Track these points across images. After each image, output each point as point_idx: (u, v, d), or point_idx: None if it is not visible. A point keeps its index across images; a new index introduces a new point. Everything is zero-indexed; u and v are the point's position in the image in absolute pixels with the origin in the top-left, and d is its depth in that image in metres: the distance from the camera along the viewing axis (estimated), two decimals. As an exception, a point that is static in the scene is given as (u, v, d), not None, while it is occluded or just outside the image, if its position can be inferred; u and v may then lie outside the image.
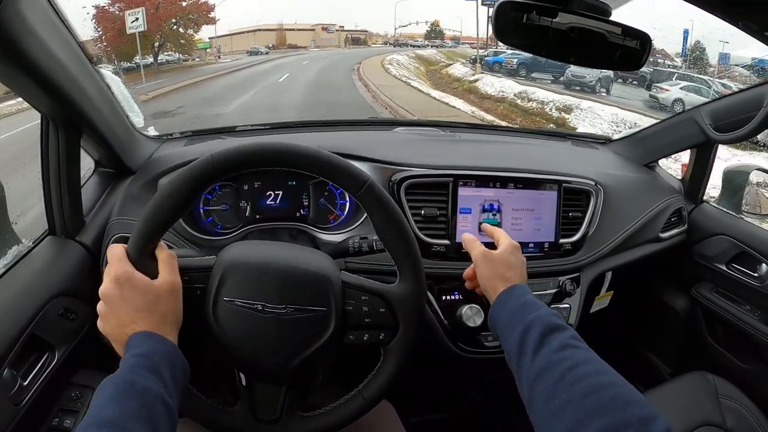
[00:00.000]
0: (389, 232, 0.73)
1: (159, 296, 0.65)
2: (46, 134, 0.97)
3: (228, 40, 25.81)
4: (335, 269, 0.76)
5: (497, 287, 0.83)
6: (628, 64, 0.80)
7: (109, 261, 0.67)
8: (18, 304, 0.88)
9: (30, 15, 0.70)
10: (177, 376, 0.62)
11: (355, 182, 0.71)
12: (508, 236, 0.92)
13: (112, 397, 0.55)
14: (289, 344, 0.71)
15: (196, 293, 0.71)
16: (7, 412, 0.81)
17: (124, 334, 0.63)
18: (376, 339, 0.76)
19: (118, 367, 0.60)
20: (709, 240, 1.50)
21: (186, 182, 0.67)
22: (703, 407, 1.22)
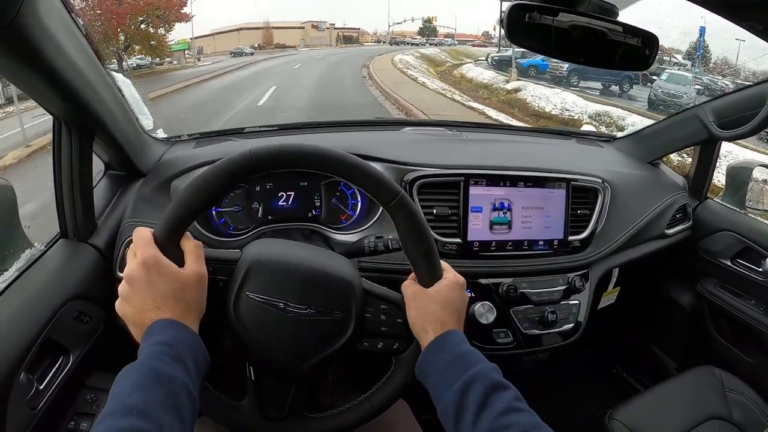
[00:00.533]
0: (416, 246, 0.73)
1: (185, 284, 0.64)
2: (59, 137, 0.97)
3: (210, 40, 23.85)
4: (357, 276, 0.77)
5: (429, 332, 0.71)
6: (635, 64, 0.81)
7: (135, 243, 0.65)
8: (33, 309, 0.88)
9: (48, 19, 0.70)
10: (199, 366, 0.62)
11: (387, 193, 0.71)
12: (454, 271, 0.78)
13: (137, 384, 0.54)
14: (305, 344, 0.72)
15: (218, 285, 0.71)
16: (23, 416, 0.81)
17: (146, 318, 0.62)
18: (389, 348, 0.76)
19: (138, 354, 0.59)
20: (714, 236, 1.52)
21: (222, 174, 0.67)
22: (710, 401, 1.24)
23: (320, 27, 32.79)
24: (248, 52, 23.11)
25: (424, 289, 0.74)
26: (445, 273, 0.76)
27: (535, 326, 1.22)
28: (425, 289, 0.74)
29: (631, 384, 1.78)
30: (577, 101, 10.02)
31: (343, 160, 0.70)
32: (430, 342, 0.70)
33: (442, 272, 0.76)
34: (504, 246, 1.21)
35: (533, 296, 1.22)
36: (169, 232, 0.67)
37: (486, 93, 11.78)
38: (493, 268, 1.21)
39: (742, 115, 1.33)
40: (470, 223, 1.18)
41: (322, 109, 9.33)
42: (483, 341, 1.18)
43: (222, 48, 23.19)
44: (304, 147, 0.70)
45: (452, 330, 0.71)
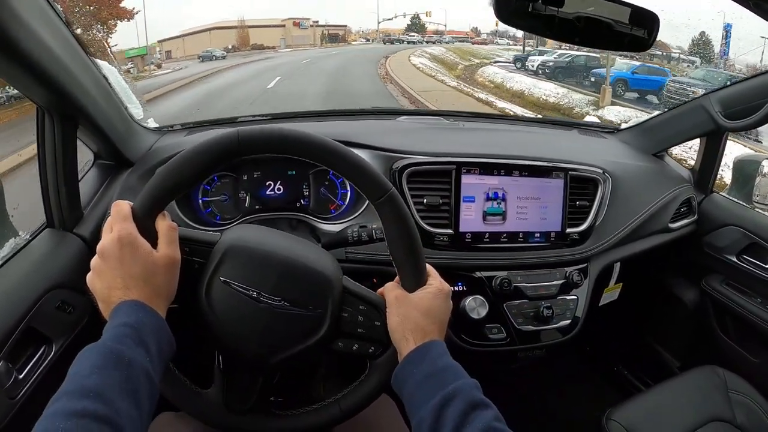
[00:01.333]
0: (402, 247, 0.70)
1: (157, 267, 0.63)
2: (42, 126, 0.96)
3: (180, 43, 21.31)
4: (339, 273, 0.74)
5: (409, 340, 0.68)
6: (635, 46, 0.79)
7: (113, 216, 0.64)
8: (14, 297, 0.87)
9: (21, 7, 0.69)
10: (163, 351, 0.60)
11: (376, 190, 0.69)
12: (440, 278, 0.74)
13: (96, 365, 0.53)
14: (276, 337, 0.69)
15: (193, 267, 0.69)
16: (2, 405, 0.79)
17: (113, 296, 0.61)
18: (365, 351, 0.73)
19: (103, 334, 0.57)
20: (720, 231, 1.47)
21: (207, 153, 0.65)
22: (713, 402, 1.20)
23: (303, 25, 30.49)
24: (219, 56, 20.28)
25: (408, 294, 0.71)
26: (431, 279, 0.73)
27: (530, 322, 1.19)
28: (409, 295, 0.71)
29: (632, 383, 1.74)
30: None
31: (334, 150, 0.68)
32: (409, 351, 0.67)
33: (427, 278, 0.73)
34: (498, 238, 1.18)
35: (528, 290, 1.19)
36: (148, 206, 0.65)
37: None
38: (487, 261, 1.18)
39: (750, 105, 1.29)
40: (462, 214, 1.15)
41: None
42: (474, 337, 1.15)
43: (193, 51, 20.68)
44: (294, 133, 0.67)
45: (434, 340, 0.68)
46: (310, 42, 30.02)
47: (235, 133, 0.66)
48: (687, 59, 14.05)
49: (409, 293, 0.71)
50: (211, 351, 0.74)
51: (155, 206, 0.65)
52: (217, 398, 0.73)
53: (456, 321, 1.14)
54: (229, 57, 21.03)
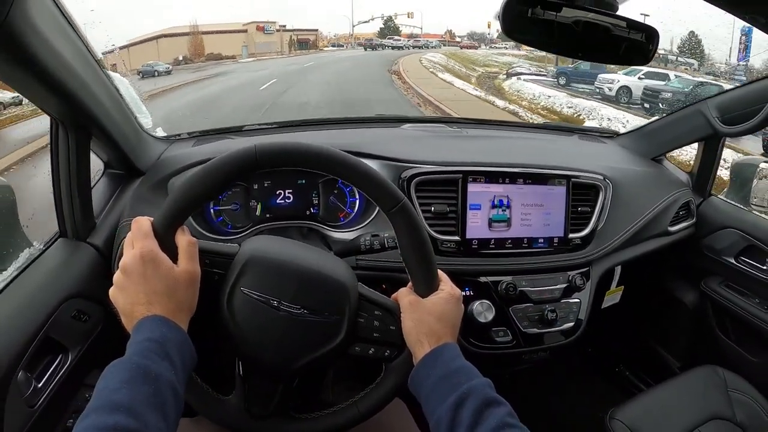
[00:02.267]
0: (415, 255, 0.73)
1: (178, 283, 0.65)
2: (56, 137, 0.97)
3: (125, 54, 14.77)
4: (354, 280, 0.76)
5: (424, 344, 0.70)
6: (635, 59, 0.80)
7: (134, 233, 0.66)
8: (31, 307, 0.88)
9: (38, 18, 0.70)
10: (186, 364, 0.62)
11: (389, 200, 0.71)
12: (452, 283, 0.77)
13: (125, 380, 0.54)
14: (295, 344, 0.71)
15: (213, 278, 0.71)
16: (22, 413, 0.81)
17: (136, 311, 0.62)
18: (381, 354, 0.75)
19: (127, 349, 0.59)
20: (718, 233, 1.50)
21: (225, 168, 0.67)
22: (713, 401, 1.23)
23: (268, 29, 26.40)
24: (163, 70, 16.53)
25: (421, 299, 0.73)
26: (443, 285, 0.76)
27: (535, 325, 1.21)
28: (422, 300, 0.73)
29: (634, 383, 1.76)
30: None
31: (348, 163, 0.70)
32: (424, 354, 0.69)
33: (439, 283, 0.75)
34: (503, 244, 1.20)
35: (533, 294, 1.21)
36: (168, 222, 0.67)
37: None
38: (492, 266, 1.20)
39: (747, 110, 1.31)
40: (469, 221, 1.17)
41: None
42: (481, 340, 1.17)
43: (139, 63, 16.38)
44: (310, 147, 0.69)
45: (447, 343, 0.70)
46: (277, 49, 26.19)
47: (253, 148, 0.67)
48: (685, 62, 13.93)
49: (422, 298, 0.73)
50: (231, 359, 0.76)
51: (175, 221, 0.67)
52: (239, 404, 0.75)
53: (464, 325, 1.14)
54: (176, 71, 17.25)
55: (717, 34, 11.22)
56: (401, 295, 0.75)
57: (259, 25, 25.61)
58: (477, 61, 21.59)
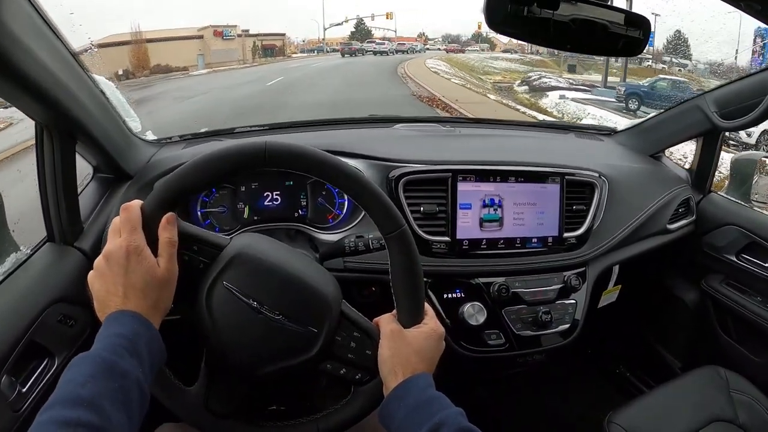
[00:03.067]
0: (405, 283, 0.72)
1: (157, 282, 0.64)
2: (41, 142, 0.97)
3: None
4: (339, 297, 0.75)
5: (398, 374, 0.68)
6: (628, 51, 0.79)
7: (123, 222, 0.65)
8: (16, 311, 0.88)
9: (14, 23, 0.69)
10: (155, 362, 0.62)
11: (390, 224, 0.70)
12: (436, 319, 0.75)
13: (91, 375, 0.54)
14: (266, 350, 0.70)
15: (198, 266, 0.70)
16: (6, 418, 0.80)
17: (110, 301, 0.62)
18: (352, 377, 0.74)
19: (96, 340, 0.58)
20: (718, 230, 1.47)
21: (231, 159, 0.66)
22: (715, 402, 1.20)
23: (227, 34, 22.11)
24: None
25: (402, 330, 0.71)
26: (427, 319, 0.74)
27: (528, 327, 1.19)
28: (403, 330, 0.71)
29: (634, 384, 1.74)
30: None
31: (357, 180, 0.69)
32: (397, 384, 0.68)
33: (424, 316, 0.74)
34: (495, 244, 1.19)
35: (526, 296, 1.19)
36: (159, 203, 0.66)
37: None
38: (484, 267, 1.19)
39: (745, 104, 1.29)
40: (459, 221, 1.16)
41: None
42: (473, 343, 1.16)
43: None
44: (320, 155, 0.68)
45: (419, 374, 0.69)
46: (239, 57, 21.99)
47: (263, 145, 0.66)
48: (678, 63, 13.75)
49: (404, 329, 0.72)
50: (200, 350, 0.74)
51: (169, 203, 0.66)
52: (198, 398, 0.73)
53: (455, 328, 1.14)
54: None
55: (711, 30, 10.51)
56: (383, 322, 0.74)
57: (216, 30, 21.33)
58: (475, 67, 20.51)
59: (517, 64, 21.65)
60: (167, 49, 18.74)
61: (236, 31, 22.47)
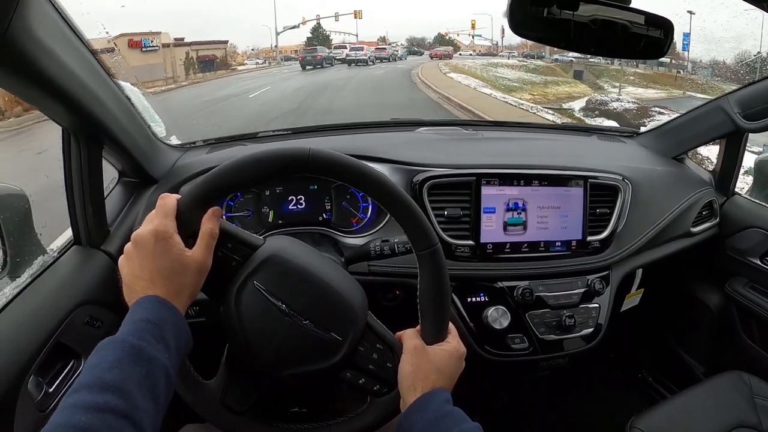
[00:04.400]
0: (432, 301, 0.72)
1: (185, 269, 0.64)
2: (68, 147, 0.98)
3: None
4: (365, 307, 0.75)
5: (417, 390, 0.68)
6: (650, 53, 0.78)
7: (156, 210, 0.65)
8: (44, 313, 0.89)
9: (41, 31, 0.69)
10: (181, 348, 0.62)
11: (424, 241, 0.70)
12: (458, 338, 0.76)
13: (118, 360, 0.53)
14: (290, 353, 0.70)
15: (231, 264, 0.70)
16: (32, 418, 0.81)
17: (137, 286, 0.62)
18: (370, 387, 0.74)
19: (122, 326, 0.58)
20: (742, 233, 1.46)
21: (277, 160, 0.67)
22: (738, 408, 1.19)
23: (147, 45, 16.43)
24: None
25: (426, 347, 0.72)
26: (450, 338, 0.75)
27: (552, 331, 1.18)
28: (426, 348, 0.72)
29: (657, 388, 1.72)
30: None
31: (396, 195, 0.69)
32: (415, 399, 0.68)
33: (447, 334, 0.75)
34: (519, 248, 1.18)
35: (550, 300, 1.19)
36: (196, 198, 0.66)
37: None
38: (508, 271, 1.18)
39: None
40: (483, 225, 1.15)
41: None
42: (497, 347, 1.15)
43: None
44: (361, 167, 0.68)
45: (438, 389, 0.69)
46: (167, 75, 16.50)
47: (307, 151, 0.66)
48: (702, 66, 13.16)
49: (427, 346, 0.72)
50: (221, 345, 0.75)
51: (205, 199, 0.66)
52: (216, 392, 0.73)
53: (478, 332, 1.14)
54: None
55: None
56: (406, 337, 0.74)
57: (132, 40, 15.80)
58: (484, 78, 17.29)
59: (524, 72, 19.58)
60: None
61: (159, 41, 16.87)
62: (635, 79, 16.53)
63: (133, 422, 0.50)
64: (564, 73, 19.31)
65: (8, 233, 1.08)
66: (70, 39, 0.80)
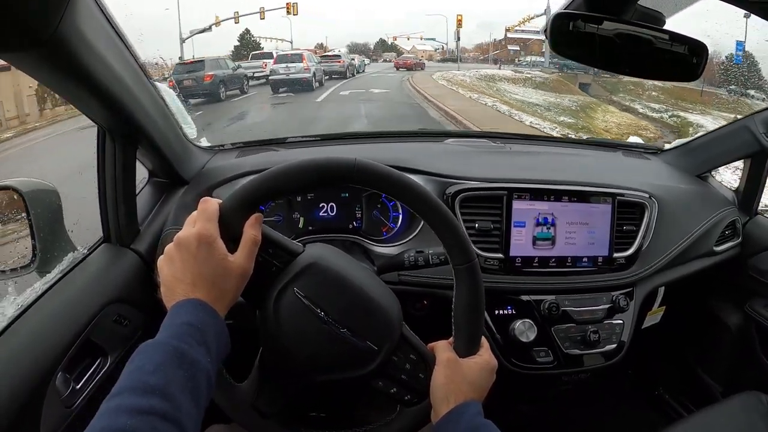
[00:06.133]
0: (467, 315, 0.73)
1: (228, 274, 0.64)
2: (103, 146, 0.99)
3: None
4: (401, 318, 0.76)
5: (450, 402, 0.69)
6: (683, 74, 0.77)
7: (199, 213, 0.65)
8: (73, 310, 0.90)
9: (89, 31, 0.70)
10: (221, 353, 0.62)
11: (462, 256, 0.71)
12: (490, 351, 0.77)
13: (160, 363, 0.53)
14: (326, 360, 0.71)
15: (271, 269, 0.70)
16: (59, 413, 0.82)
17: (178, 288, 0.62)
18: (401, 397, 0.75)
19: (162, 328, 0.59)
20: (764, 253, 1.45)
21: (323, 169, 0.67)
22: (756, 428, 1.17)
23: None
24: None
25: (459, 360, 0.73)
26: (482, 351, 0.75)
27: (577, 346, 1.18)
28: (459, 360, 0.73)
29: (674, 407, 1.72)
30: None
31: (437, 209, 0.70)
32: (449, 410, 0.69)
33: (480, 348, 0.75)
34: (547, 262, 1.18)
35: (575, 315, 1.19)
36: (239, 202, 0.67)
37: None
38: (535, 285, 1.19)
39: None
40: (513, 239, 1.16)
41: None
42: (522, 360, 1.15)
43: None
44: (406, 181, 0.69)
45: (471, 401, 0.70)
46: (10, 115, 9.95)
47: (353, 161, 0.67)
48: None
49: (459, 358, 0.73)
50: (253, 348, 0.75)
51: (250, 204, 0.67)
52: (248, 395, 0.74)
53: (505, 344, 1.14)
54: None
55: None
56: (439, 349, 0.75)
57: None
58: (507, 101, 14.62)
59: (531, 87, 17.12)
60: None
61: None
62: (658, 95, 15.50)
63: (179, 425, 0.50)
64: (572, 84, 17.80)
65: (39, 229, 1.09)
66: (114, 39, 0.81)
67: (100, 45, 0.75)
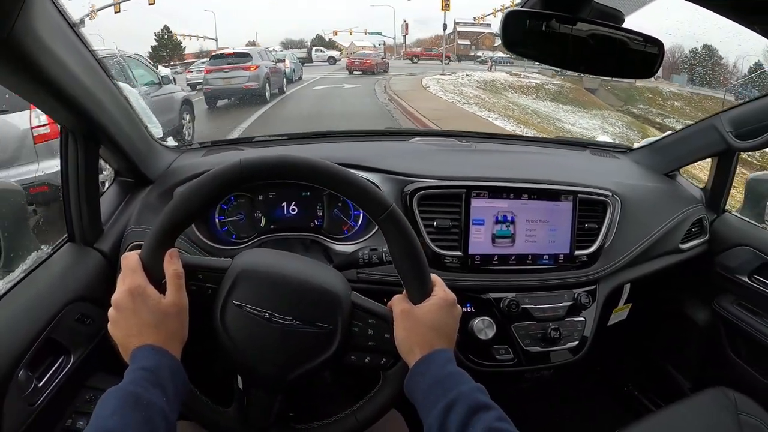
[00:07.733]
0: (405, 261, 0.73)
1: (166, 314, 0.66)
2: (66, 145, 0.99)
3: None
4: (346, 289, 0.76)
5: (416, 353, 0.70)
6: (641, 72, 0.78)
7: (124, 270, 0.68)
8: (35, 308, 0.91)
9: (45, 32, 0.71)
10: (179, 391, 0.64)
11: (377, 207, 0.71)
12: (445, 287, 0.75)
13: (116, 408, 0.57)
14: (290, 356, 0.72)
15: (207, 293, 0.72)
16: (22, 411, 0.83)
17: (130, 343, 0.65)
18: (377, 363, 0.75)
19: (124, 377, 0.61)
20: (731, 251, 1.47)
21: (212, 184, 0.68)
22: (723, 424, 1.19)
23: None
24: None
25: (413, 307, 0.72)
26: (435, 289, 0.74)
27: (537, 343, 1.19)
28: (414, 308, 0.72)
29: (642, 403, 1.73)
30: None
31: (334, 173, 0.70)
32: (415, 362, 0.69)
33: (432, 287, 0.74)
34: (507, 260, 1.19)
35: (536, 312, 1.20)
36: (153, 249, 0.68)
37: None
38: (495, 283, 1.19)
39: (761, 124, 1.29)
40: (472, 236, 1.16)
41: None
42: (482, 357, 1.16)
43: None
44: (294, 159, 0.70)
45: (438, 349, 0.70)
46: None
47: (238, 163, 0.68)
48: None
49: (414, 306, 0.72)
50: (230, 371, 0.77)
51: (160, 248, 0.68)
52: (238, 416, 0.75)
53: (464, 341, 1.15)
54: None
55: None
56: (394, 303, 0.74)
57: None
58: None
59: (555, 104, 14.34)
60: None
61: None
62: (682, 106, 13.93)
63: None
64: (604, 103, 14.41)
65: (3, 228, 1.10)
66: (71, 39, 0.82)
67: (58, 46, 0.76)
